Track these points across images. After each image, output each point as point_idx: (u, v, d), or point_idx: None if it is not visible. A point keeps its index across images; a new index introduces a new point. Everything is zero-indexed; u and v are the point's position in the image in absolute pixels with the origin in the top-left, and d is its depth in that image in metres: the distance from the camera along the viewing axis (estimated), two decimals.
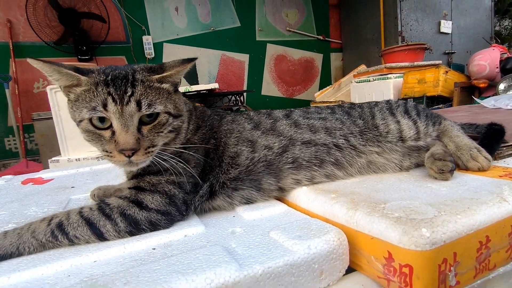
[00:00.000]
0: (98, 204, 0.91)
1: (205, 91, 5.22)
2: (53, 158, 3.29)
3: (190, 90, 5.13)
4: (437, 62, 5.28)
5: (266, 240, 0.79)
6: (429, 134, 1.13)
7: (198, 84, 5.46)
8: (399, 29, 5.97)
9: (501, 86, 4.37)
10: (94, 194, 1.23)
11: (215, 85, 5.26)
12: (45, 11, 4.52)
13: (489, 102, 2.58)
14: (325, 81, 7.32)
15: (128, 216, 0.88)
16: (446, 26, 6.27)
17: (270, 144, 1.09)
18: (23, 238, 0.81)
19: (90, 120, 0.88)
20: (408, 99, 4.71)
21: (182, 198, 0.96)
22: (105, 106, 0.85)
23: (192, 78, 6.00)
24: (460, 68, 5.42)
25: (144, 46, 5.58)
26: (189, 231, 0.89)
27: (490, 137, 1.17)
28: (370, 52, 6.60)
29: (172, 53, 5.86)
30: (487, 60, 4.70)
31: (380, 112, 1.18)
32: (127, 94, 0.86)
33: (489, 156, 1.04)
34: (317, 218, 0.90)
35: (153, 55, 5.67)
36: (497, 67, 4.63)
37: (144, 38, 5.57)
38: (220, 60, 6.37)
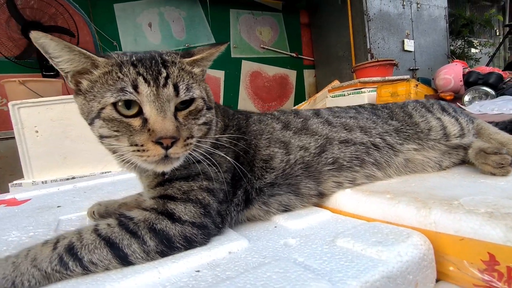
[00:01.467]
0: (117, 219, 0.73)
1: None
2: (15, 182, 2.91)
3: None
4: (405, 76, 5.59)
5: (336, 249, 0.66)
6: (470, 131, 1.08)
7: None
8: (368, 47, 6.26)
9: (466, 98, 4.64)
10: (94, 212, 1.03)
11: None
12: (7, 23, 4.15)
13: (474, 108, 2.69)
14: (300, 97, 7.42)
15: (159, 231, 0.70)
16: (409, 45, 6.69)
17: (305, 145, 0.98)
18: (20, 269, 0.62)
19: (115, 105, 0.71)
20: None
21: (216, 209, 0.80)
22: (135, 87, 0.71)
23: None
24: (427, 82, 5.74)
25: None
26: (231, 246, 0.74)
27: None
28: (341, 69, 6.83)
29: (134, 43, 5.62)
30: (451, 74, 5.01)
31: (416, 110, 1.12)
32: (162, 76, 0.73)
33: None
34: (376, 222, 0.79)
35: None
36: (460, 81, 4.95)
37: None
38: None
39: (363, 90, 5.13)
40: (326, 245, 0.69)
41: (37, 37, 0.69)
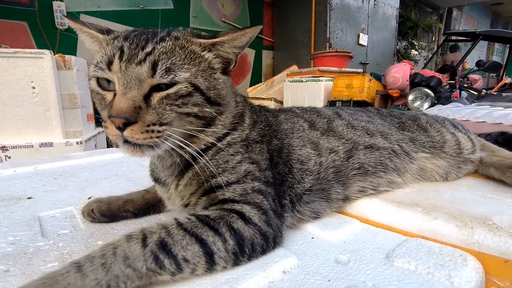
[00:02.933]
0: (194, 215, 0.67)
1: None
2: None
3: None
4: (360, 70, 5.90)
5: (399, 271, 0.66)
6: (479, 147, 1.16)
7: None
8: (327, 36, 6.40)
9: (410, 97, 5.12)
10: (93, 210, 0.87)
11: None
12: None
13: (460, 113, 2.56)
14: (256, 78, 7.35)
15: (236, 230, 0.65)
16: (364, 39, 7.03)
17: (334, 148, 0.95)
18: (113, 271, 0.54)
19: (98, 79, 0.71)
20: (337, 102, 5.13)
21: (272, 215, 0.74)
22: (109, 63, 0.67)
23: None
24: (378, 78, 6.15)
25: (55, 14, 4.55)
26: (283, 264, 0.68)
27: None
28: (300, 54, 6.89)
29: None
30: (400, 73, 5.44)
31: (430, 125, 1.16)
32: (144, 51, 0.66)
33: None
34: (411, 236, 0.81)
35: (66, 26, 4.68)
36: (407, 80, 5.40)
37: (55, 4, 4.54)
38: None
39: (321, 78, 5.29)
40: (384, 264, 0.68)
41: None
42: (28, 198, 1.07)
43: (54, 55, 2.93)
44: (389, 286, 0.61)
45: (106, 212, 0.88)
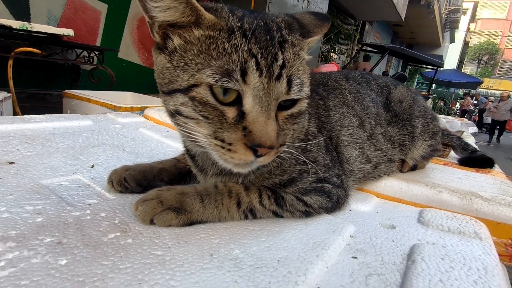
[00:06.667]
0: (274, 197, 0.75)
1: (45, 35, 3.89)
2: None
3: (29, 28, 3.74)
4: None
5: (438, 232, 0.80)
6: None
7: (29, 22, 3.94)
8: None
9: None
10: (125, 178, 0.77)
11: (68, 31, 4.08)
12: None
13: None
14: None
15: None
16: None
17: (370, 157, 0.99)
18: (221, 213, 0.71)
19: (211, 86, 0.56)
20: None
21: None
22: (244, 73, 0.55)
23: (21, 11, 4.32)
24: None
25: None
26: (348, 230, 0.74)
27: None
28: None
29: None
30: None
31: None
32: (278, 63, 0.58)
33: None
34: (421, 207, 0.97)
35: None
36: None
37: None
38: (67, 1, 4.88)
39: None
40: (422, 228, 0.81)
41: None
42: (10, 163, 0.86)
43: None
44: (440, 243, 0.73)
45: (141, 181, 0.79)
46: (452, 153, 1.64)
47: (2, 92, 3.08)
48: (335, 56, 9.66)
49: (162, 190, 0.68)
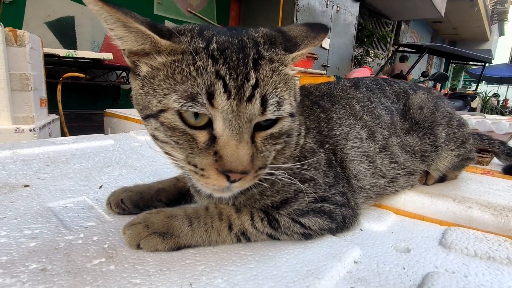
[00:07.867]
0: (267, 219, 0.71)
1: (88, 60, 4.25)
2: None
3: (74, 55, 4.07)
4: (323, 72, 6.13)
5: (461, 257, 0.69)
6: None
7: (75, 50, 4.31)
8: None
9: None
10: (122, 200, 0.77)
11: (108, 55, 4.38)
12: None
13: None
14: None
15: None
16: (326, 43, 7.31)
17: (384, 171, 0.90)
18: (211, 237, 0.67)
19: (179, 112, 0.54)
20: None
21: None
22: (211, 96, 0.52)
23: (69, 41, 4.76)
24: None
25: None
26: (352, 255, 0.67)
27: None
28: None
29: (39, 1, 4.43)
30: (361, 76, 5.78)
31: None
32: (249, 83, 0.54)
33: None
34: (447, 225, 0.86)
35: None
36: None
37: None
38: None
39: None
40: (443, 251, 0.71)
41: (90, 2, 0.50)
42: (25, 186, 0.90)
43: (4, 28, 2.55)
44: (461, 271, 0.63)
45: (138, 202, 0.78)
46: (495, 159, 1.47)
47: (51, 115, 3.37)
48: (370, 60, 9.32)
49: (150, 213, 0.67)
